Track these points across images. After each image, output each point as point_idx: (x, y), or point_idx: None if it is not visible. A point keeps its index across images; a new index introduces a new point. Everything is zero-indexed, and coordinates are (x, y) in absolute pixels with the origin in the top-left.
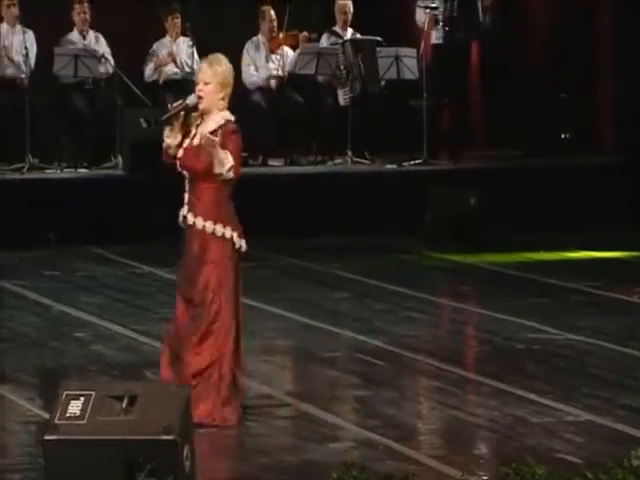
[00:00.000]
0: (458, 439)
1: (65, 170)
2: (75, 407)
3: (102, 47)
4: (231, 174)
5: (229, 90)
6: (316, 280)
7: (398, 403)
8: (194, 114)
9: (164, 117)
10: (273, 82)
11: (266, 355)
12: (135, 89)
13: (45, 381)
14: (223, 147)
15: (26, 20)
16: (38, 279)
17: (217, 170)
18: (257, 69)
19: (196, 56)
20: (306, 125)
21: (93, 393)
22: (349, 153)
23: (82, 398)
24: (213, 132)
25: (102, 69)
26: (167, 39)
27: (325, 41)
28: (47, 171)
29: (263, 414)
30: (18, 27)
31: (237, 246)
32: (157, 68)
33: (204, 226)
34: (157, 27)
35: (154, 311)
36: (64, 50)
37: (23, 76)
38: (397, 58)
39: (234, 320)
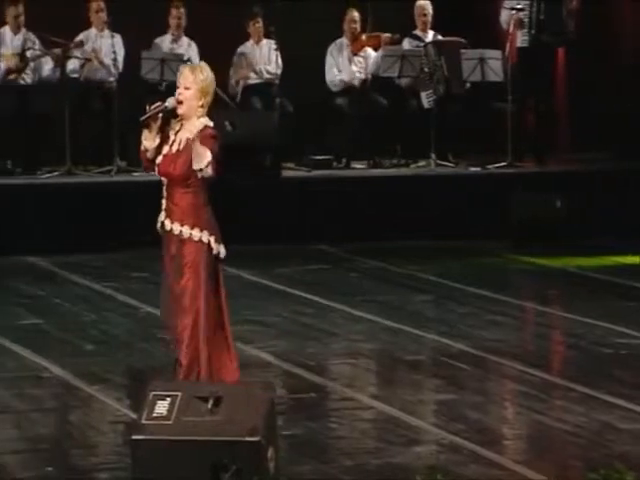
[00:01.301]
0: (544, 444)
1: (152, 173)
2: (162, 407)
3: (193, 54)
4: (210, 170)
5: (209, 99)
6: (399, 283)
7: (483, 407)
8: (173, 120)
9: (142, 118)
10: (357, 82)
11: (350, 358)
12: (220, 92)
13: (133, 381)
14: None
15: (114, 24)
16: (127, 281)
17: (196, 165)
18: (340, 71)
19: (280, 60)
20: (389, 127)
21: (179, 394)
22: (432, 156)
23: (168, 399)
24: (191, 138)
25: None
26: (250, 43)
27: (406, 45)
28: (135, 174)
29: (347, 416)
30: (106, 31)
31: (215, 252)
32: (238, 82)
33: (181, 231)
34: (242, 30)
35: (239, 313)
36: (151, 54)
37: (112, 79)
38: (482, 60)
39: (219, 326)
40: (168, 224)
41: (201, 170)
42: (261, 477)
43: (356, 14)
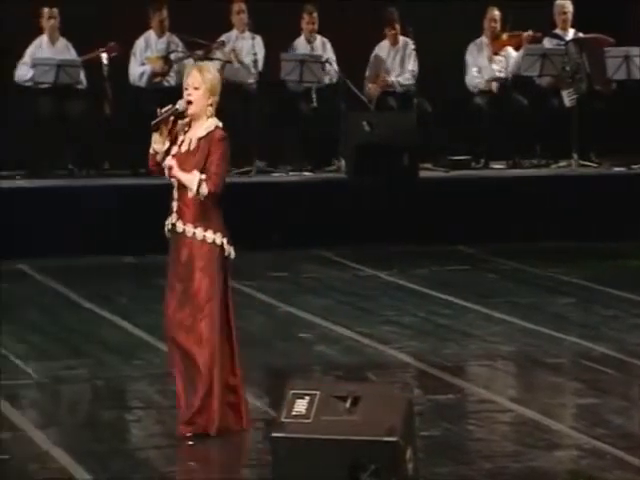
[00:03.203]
0: None
1: (290, 173)
2: (301, 406)
3: (328, 53)
4: (205, 190)
5: (217, 98)
6: (539, 285)
7: (627, 412)
8: (181, 121)
9: (154, 122)
10: (495, 85)
11: (488, 359)
12: (358, 93)
13: (272, 380)
14: (208, 154)
15: (255, 26)
16: (266, 280)
17: (190, 194)
18: (480, 71)
19: (416, 63)
20: (530, 127)
21: (318, 393)
22: (574, 156)
23: (307, 397)
24: (202, 138)
25: (326, 74)
26: (386, 44)
27: (547, 44)
28: (273, 174)
29: (485, 419)
30: (247, 33)
31: (226, 253)
32: (371, 96)
33: (194, 233)
34: (379, 30)
35: (378, 313)
36: (290, 55)
37: (251, 81)
38: (627, 58)
39: (226, 325)
40: (180, 226)
41: (198, 194)
42: (399, 477)
43: (497, 13)
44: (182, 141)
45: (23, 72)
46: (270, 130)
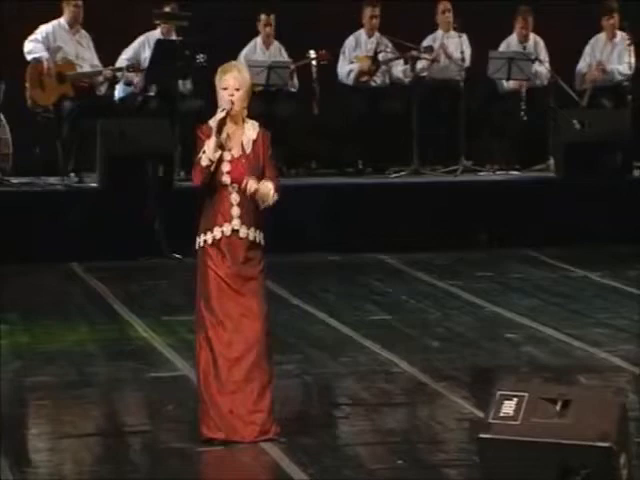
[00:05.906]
0: None
1: (497, 172)
2: (508, 407)
3: (541, 52)
4: (276, 198)
5: (249, 101)
6: None
7: None
8: (225, 126)
9: (215, 134)
10: None
11: None
12: (570, 91)
13: (478, 380)
14: (264, 155)
15: (463, 25)
16: (472, 280)
17: (263, 206)
18: None
19: (632, 58)
20: None
21: (526, 395)
22: None
23: (515, 399)
24: (255, 141)
25: (536, 74)
26: (602, 36)
27: None
28: (480, 173)
29: None
30: (452, 32)
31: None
32: (586, 87)
33: (255, 237)
34: (592, 26)
35: (588, 315)
36: (498, 53)
37: (459, 79)
38: None
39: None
40: (244, 231)
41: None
42: None
43: None
44: (231, 145)
45: None
46: (477, 128)
